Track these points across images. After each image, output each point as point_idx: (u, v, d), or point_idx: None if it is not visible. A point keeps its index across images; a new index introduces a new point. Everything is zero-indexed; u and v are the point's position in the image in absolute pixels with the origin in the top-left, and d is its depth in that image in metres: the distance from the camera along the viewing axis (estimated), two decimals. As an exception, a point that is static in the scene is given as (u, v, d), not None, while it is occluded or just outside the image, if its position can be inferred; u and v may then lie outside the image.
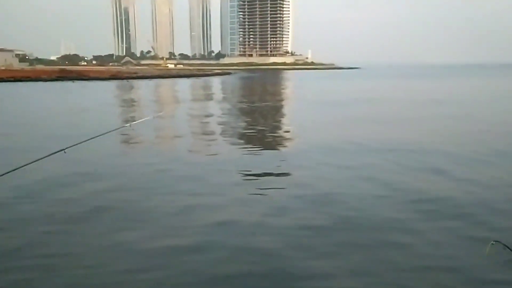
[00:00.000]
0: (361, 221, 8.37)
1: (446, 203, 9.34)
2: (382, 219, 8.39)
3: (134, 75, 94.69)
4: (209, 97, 44.62)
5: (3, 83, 65.65)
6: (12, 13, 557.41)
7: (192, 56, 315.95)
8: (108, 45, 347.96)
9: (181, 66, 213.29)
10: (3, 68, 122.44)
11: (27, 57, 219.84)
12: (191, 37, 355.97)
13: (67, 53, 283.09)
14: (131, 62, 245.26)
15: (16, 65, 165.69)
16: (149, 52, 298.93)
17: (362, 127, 21.62)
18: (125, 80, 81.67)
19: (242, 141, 17.82)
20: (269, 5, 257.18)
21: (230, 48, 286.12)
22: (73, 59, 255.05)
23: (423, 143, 16.56)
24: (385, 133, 19.17)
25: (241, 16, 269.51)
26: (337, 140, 17.42)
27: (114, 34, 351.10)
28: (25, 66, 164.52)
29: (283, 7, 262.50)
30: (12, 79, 72.35)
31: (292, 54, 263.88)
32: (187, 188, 10.68)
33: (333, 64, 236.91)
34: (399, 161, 13.47)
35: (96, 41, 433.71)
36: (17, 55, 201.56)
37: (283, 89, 64.25)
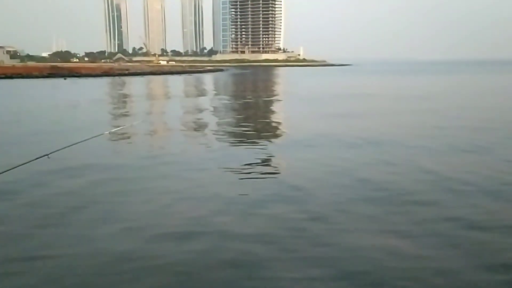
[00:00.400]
0: (334, 217, 8.67)
1: (418, 196, 9.87)
2: (356, 216, 8.71)
3: (126, 72, 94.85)
4: (200, 94, 45.22)
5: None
6: (3, 9, 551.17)
7: (185, 52, 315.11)
8: (100, 42, 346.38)
9: (173, 62, 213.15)
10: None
11: (18, 54, 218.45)
12: (183, 33, 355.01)
13: (59, 50, 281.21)
14: (123, 59, 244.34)
15: (7, 61, 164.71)
16: (141, 48, 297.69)
17: (344, 122, 22.45)
18: (117, 77, 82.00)
19: (227, 138, 18.20)
20: (261, 2, 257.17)
21: (222, 45, 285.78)
22: (65, 56, 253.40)
23: (399, 137, 17.37)
24: (363, 128, 19.84)
25: (233, 13, 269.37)
26: (319, 134, 18.13)
27: (106, 30, 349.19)
28: (16, 62, 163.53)
29: (275, 4, 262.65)
30: (3, 75, 72.33)
31: (284, 51, 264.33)
32: (167, 185, 10.98)
33: (324, 61, 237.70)
34: (376, 155, 14.06)
35: (88, 38, 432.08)
36: (8, 52, 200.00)
37: (273, 85, 64.94)
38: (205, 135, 18.97)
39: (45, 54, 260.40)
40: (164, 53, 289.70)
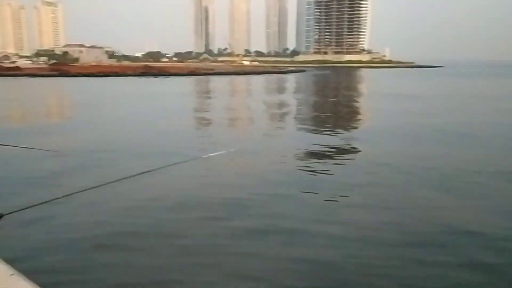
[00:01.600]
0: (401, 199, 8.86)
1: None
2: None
3: (211, 72, 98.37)
4: (282, 92, 45.80)
5: (94, 78, 71.97)
6: (103, 13, 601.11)
7: (267, 53, 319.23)
8: (188, 43, 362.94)
9: (256, 63, 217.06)
10: (94, 63, 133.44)
11: (115, 54, 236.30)
12: (266, 34, 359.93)
13: (151, 50, 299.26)
14: (208, 59, 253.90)
15: (106, 61, 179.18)
16: (226, 49, 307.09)
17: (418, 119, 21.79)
18: (202, 76, 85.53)
19: (310, 133, 18.42)
20: (346, 1, 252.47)
21: (305, 46, 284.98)
22: (156, 56, 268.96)
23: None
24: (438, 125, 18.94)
25: (318, 13, 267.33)
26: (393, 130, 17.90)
27: (194, 32, 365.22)
28: (113, 62, 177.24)
29: (361, 3, 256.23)
30: (101, 74, 78.71)
31: (369, 52, 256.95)
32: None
33: (412, 62, 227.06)
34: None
35: (178, 39, 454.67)
36: (106, 52, 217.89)
37: (354, 86, 63.79)
38: (290, 131, 19.17)
39: (138, 54, 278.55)
40: (248, 54, 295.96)
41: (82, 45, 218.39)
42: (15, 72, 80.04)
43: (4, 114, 26.69)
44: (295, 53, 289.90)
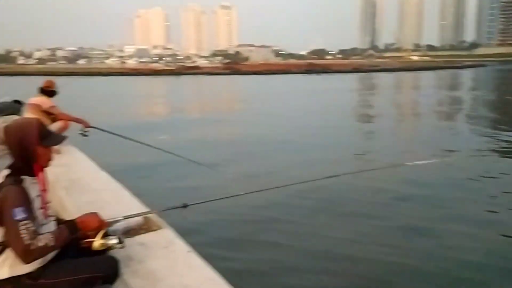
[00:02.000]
0: None
1: None
2: None
3: (376, 68, 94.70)
4: (456, 89, 41.14)
5: (262, 76, 76.06)
6: (272, 13, 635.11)
7: (441, 47, 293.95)
8: (352, 39, 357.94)
9: (427, 58, 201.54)
10: (262, 62, 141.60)
11: (281, 52, 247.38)
12: (440, 26, 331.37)
13: (315, 48, 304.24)
14: (373, 55, 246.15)
15: (272, 59, 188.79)
16: (393, 44, 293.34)
17: None
18: (365, 73, 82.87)
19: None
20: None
21: (487, 37, 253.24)
22: (320, 53, 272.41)
23: None
24: None
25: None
26: None
27: (359, 27, 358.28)
28: (279, 60, 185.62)
29: None
30: (268, 72, 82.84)
31: None
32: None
33: None
34: None
35: (342, 35, 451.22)
36: (273, 51, 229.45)
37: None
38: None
39: (303, 52, 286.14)
40: (417, 48, 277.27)
41: (251, 45, 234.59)
42: (194, 70, 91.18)
43: (183, 106, 29.94)
44: (474, 45, 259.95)
